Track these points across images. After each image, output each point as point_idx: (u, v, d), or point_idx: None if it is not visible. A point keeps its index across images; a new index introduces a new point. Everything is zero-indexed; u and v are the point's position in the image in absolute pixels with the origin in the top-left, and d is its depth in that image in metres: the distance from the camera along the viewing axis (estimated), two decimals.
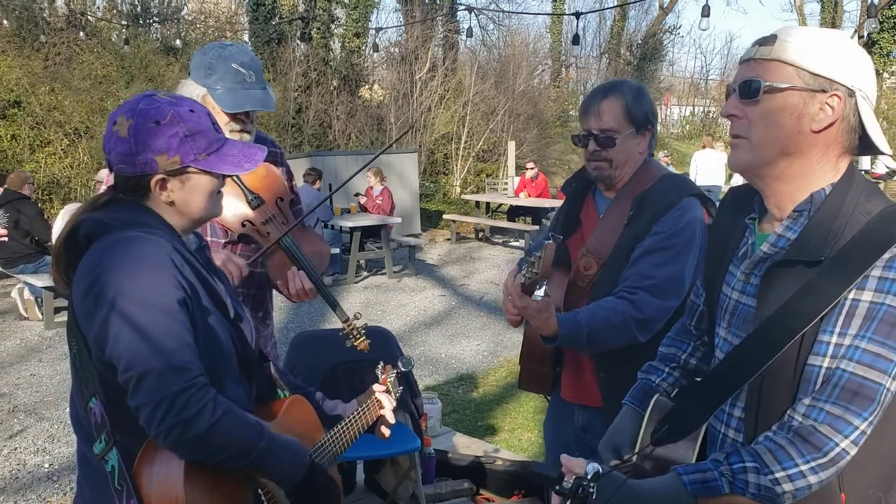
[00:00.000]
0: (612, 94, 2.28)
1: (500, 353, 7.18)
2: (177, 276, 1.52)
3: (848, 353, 1.29)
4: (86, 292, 1.50)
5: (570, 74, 27.48)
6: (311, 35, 17.52)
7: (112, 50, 14.66)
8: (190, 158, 1.58)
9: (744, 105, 1.41)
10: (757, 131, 1.40)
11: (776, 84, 1.37)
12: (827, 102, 1.36)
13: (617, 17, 27.01)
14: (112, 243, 1.52)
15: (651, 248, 2.21)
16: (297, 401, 1.83)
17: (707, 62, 42.28)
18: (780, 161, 1.40)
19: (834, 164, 1.41)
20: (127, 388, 1.44)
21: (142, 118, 1.56)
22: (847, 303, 1.30)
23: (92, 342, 1.50)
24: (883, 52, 24.40)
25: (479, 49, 21.41)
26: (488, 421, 5.46)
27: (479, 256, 12.53)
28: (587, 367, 2.37)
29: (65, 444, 4.97)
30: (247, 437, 1.52)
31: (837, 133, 1.38)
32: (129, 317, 1.44)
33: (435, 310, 8.82)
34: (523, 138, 18.24)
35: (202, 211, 1.65)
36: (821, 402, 1.29)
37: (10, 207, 7.88)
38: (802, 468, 1.28)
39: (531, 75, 21.88)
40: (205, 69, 2.30)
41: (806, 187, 1.40)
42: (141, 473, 1.48)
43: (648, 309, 2.15)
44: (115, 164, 1.58)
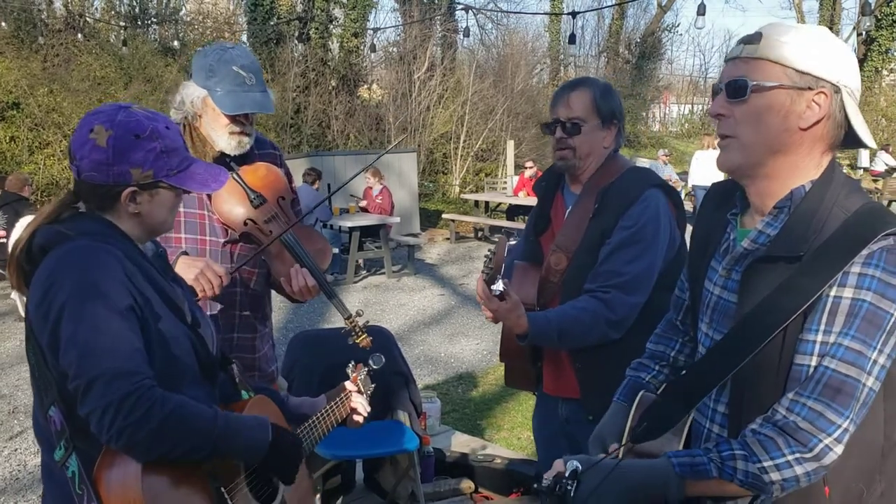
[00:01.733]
0: (582, 87, 2.39)
1: (498, 351, 7.18)
2: (125, 284, 1.52)
3: (831, 351, 1.30)
4: (39, 302, 1.51)
5: (568, 73, 27.49)
6: (310, 35, 17.53)
7: (110, 51, 14.68)
8: (162, 174, 1.62)
9: (731, 104, 1.42)
10: (745, 130, 1.41)
11: (764, 83, 1.37)
12: (814, 100, 1.37)
13: (615, 16, 27.03)
14: (64, 253, 1.54)
15: (620, 244, 2.26)
16: (261, 400, 1.83)
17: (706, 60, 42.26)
18: (768, 159, 1.41)
19: (818, 160, 1.42)
20: (76, 395, 1.45)
21: (122, 130, 1.58)
22: (829, 300, 1.31)
23: (46, 350, 1.51)
24: (881, 50, 24.42)
25: (477, 48, 21.45)
26: (487, 420, 5.47)
27: (479, 256, 12.53)
28: (566, 361, 2.41)
29: None
30: (200, 427, 1.52)
31: (824, 129, 1.39)
32: (77, 325, 1.45)
33: (434, 309, 8.84)
34: (522, 137, 18.25)
35: (162, 224, 1.69)
36: (803, 398, 1.31)
37: (8, 209, 7.89)
38: (789, 458, 1.30)
39: (530, 74, 21.90)
40: (206, 71, 2.31)
41: (790, 184, 1.41)
42: (101, 478, 1.49)
43: (621, 308, 2.23)
44: (86, 171, 1.58)
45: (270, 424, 1.67)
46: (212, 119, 2.33)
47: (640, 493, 1.37)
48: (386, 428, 3.43)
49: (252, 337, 2.51)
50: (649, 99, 28.04)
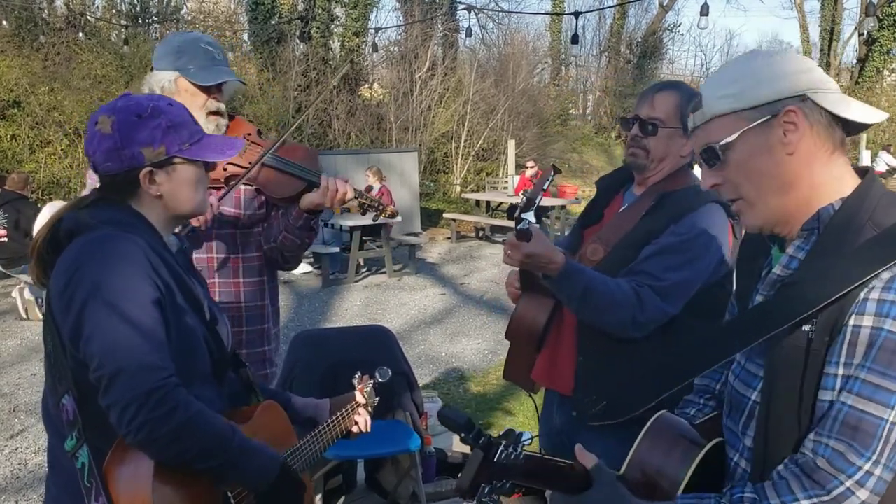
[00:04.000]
0: (670, 89, 2.28)
1: (500, 351, 7.18)
2: (151, 276, 1.52)
3: (848, 385, 1.21)
4: (62, 290, 1.51)
5: (569, 73, 27.49)
6: (311, 34, 17.51)
7: (111, 50, 14.66)
8: (175, 149, 1.62)
9: (716, 172, 1.37)
10: (745, 187, 1.35)
11: (728, 138, 1.33)
12: (785, 122, 1.30)
13: (617, 16, 26.99)
14: (89, 241, 1.54)
15: (666, 249, 2.15)
16: (271, 406, 1.83)
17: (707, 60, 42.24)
18: (783, 199, 1.33)
19: (831, 170, 1.33)
20: (98, 386, 1.45)
21: (123, 114, 1.59)
22: (849, 329, 1.22)
23: (66, 339, 1.50)
24: (883, 50, 24.38)
25: (478, 48, 21.44)
26: (489, 419, 5.46)
27: (480, 255, 12.53)
28: (568, 352, 2.34)
29: None
30: (216, 440, 1.52)
31: (815, 140, 1.31)
32: (103, 315, 1.45)
33: (435, 308, 8.83)
34: (523, 137, 18.24)
35: (189, 202, 1.67)
36: (824, 437, 1.22)
37: (9, 208, 7.89)
38: (803, 502, 1.22)
39: (531, 74, 21.89)
40: (173, 54, 2.34)
41: (815, 205, 1.33)
42: (111, 472, 1.49)
43: (651, 309, 2.12)
44: (101, 163, 1.60)
45: (280, 464, 1.65)
46: (187, 100, 2.31)
47: None
48: (388, 428, 3.42)
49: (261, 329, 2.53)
50: None
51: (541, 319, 2.33)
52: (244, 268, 2.49)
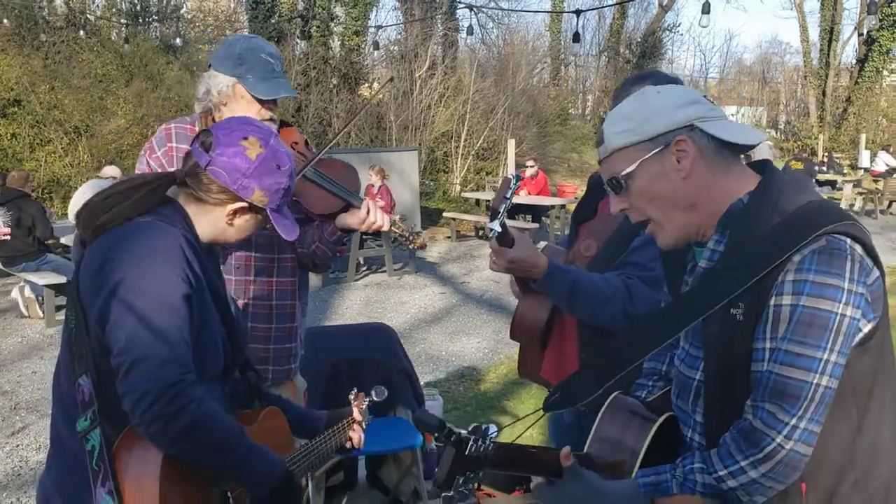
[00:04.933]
0: (645, 82, 2.27)
1: (500, 350, 7.19)
2: (185, 270, 1.54)
3: (773, 356, 1.35)
4: (96, 271, 1.52)
5: (568, 73, 27.49)
6: (311, 33, 17.53)
7: (111, 48, 14.68)
8: (272, 206, 1.69)
9: (622, 198, 1.52)
10: (650, 211, 1.51)
11: (628, 168, 1.47)
12: (677, 150, 1.44)
13: (616, 16, 26.99)
14: (131, 228, 1.56)
15: (651, 239, 2.20)
16: (275, 412, 1.84)
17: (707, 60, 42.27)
18: (689, 215, 1.49)
19: (734, 179, 1.48)
20: (117, 372, 1.46)
21: (271, 154, 1.66)
22: (771, 309, 1.36)
23: (93, 321, 1.52)
24: (883, 50, 24.41)
25: (478, 47, 21.46)
26: (489, 418, 5.47)
27: (480, 254, 12.53)
28: (571, 349, 2.37)
29: None
30: (225, 439, 1.54)
31: (706, 163, 1.45)
32: (133, 303, 1.46)
33: (435, 307, 8.83)
34: (523, 136, 18.26)
35: (233, 239, 1.74)
36: (759, 402, 1.36)
37: (11, 205, 7.88)
38: (742, 464, 1.35)
39: (531, 74, 21.90)
40: (234, 60, 2.35)
41: (723, 208, 1.47)
42: (119, 458, 1.50)
43: (641, 299, 2.16)
44: (217, 167, 1.62)
45: (284, 469, 1.68)
46: (242, 107, 2.36)
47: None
48: (390, 425, 3.43)
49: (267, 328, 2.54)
50: None
51: (541, 318, 2.35)
52: (278, 268, 2.53)
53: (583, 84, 28.98)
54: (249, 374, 1.82)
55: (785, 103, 34.55)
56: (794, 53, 37.39)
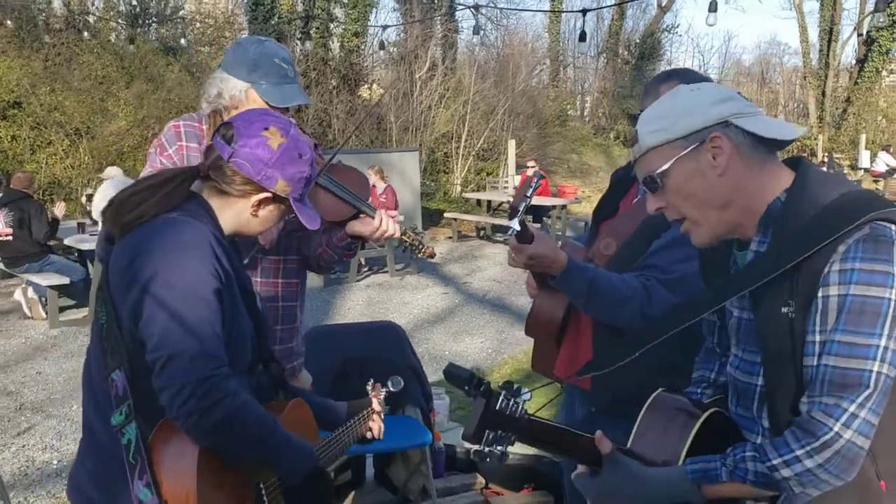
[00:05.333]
0: (675, 79, 2.26)
1: (504, 350, 7.20)
2: (215, 265, 1.55)
3: (826, 349, 1.33)
4: (126, 266, 1.53)
5: (567, 74, 27.51)
6: (311, 34, 17.53)
7: (112, 50, 14.68)
8: (295, 196, 1.70)
9: (658, 196, 1.52)
10: (685, 209, 1.50)
11: (663, 166, 1.47)
12: (712, 147, 1.43)
13: (615, 17, 27.00)
14: (160, 223, 1.57)
15: (673, 242, 2.16)
16: (301, 404, 1.86)
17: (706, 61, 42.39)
18: (725, 213, 1.48)
19: (770, 175, 1.47)
20: (153, 367, 1.47)
21: (293, 143, 1.67)
22: (819, 301, 1.34)
23: (126, 316, 1.53)
24: (882, 51, 24.44)
25: (478, 49, 21.47)
26: None
27: (481, 254, 12.54)
28: (586, 347, 2.34)
29: (72, 441, 4.98)
30: (260, 431, 1.56)
31: (741, 159, 1.44)
32: (166, 299, 1.47)
33: (438, 307, 8.84)
34: (523, 137, 18.28)
35: (257, 231, 1.75)
36: (816, 396, 1.34)
37: (14, 206, 7.89)
38: (798, 453, 1.32)
39: (530, 75, 21.93)
40: (248, 65, 2.32)
41: (758, 208, 1.47)
42: (155, 450, 1.51)
43: (659, 302, 2.12)
44: (240, 158, 1.63)
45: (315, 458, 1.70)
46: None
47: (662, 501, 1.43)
48: (399, 423, 3.43)
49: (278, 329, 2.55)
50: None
51: (557, 314, 2.35)
52: (284, 269, 2.53)
53: (581, 85, 29.00)
54: (273, 366, 1.82)
55: (784, 104, 34.59)
56: (793, 54, 37.51)
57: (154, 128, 13.08)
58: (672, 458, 1.51)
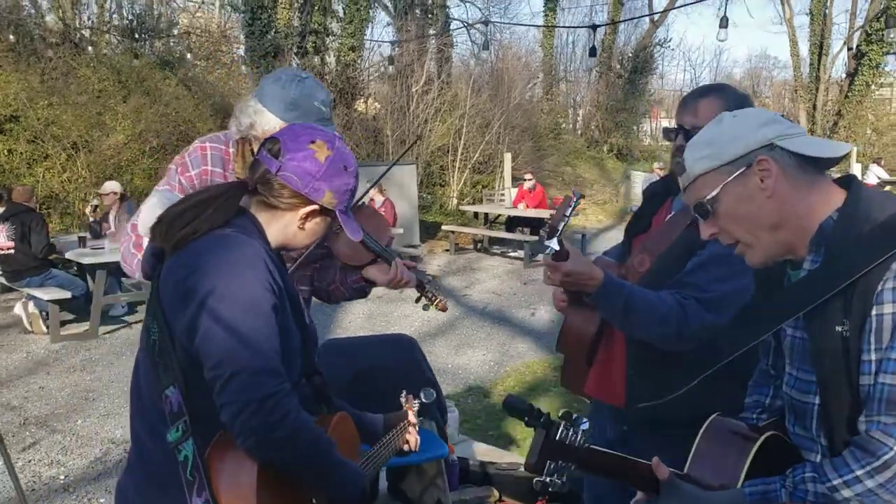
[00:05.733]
0: (714, 94, 2.24)
1: (506, 362, 7.20)
2: (270, 281, 1.56)
3: (882, 367, 1.34)
4: (181, 280, 1.54)
5: (560, 88, 27.62)
6: (308, 49, 17.59)
7: (108, 64, 14.68)
8: (341, 208, 1.71)
9: (710, 222, 1.54)
10: (738, 233, 1.51)
11: (712, 192, 1.50)
12: (759, 170, 1.46)
13: (608, 31, 27.14)
14: (216, 238, 1.58)
15: (711, 260, 2.13)
16: (345, 418, 1.85)
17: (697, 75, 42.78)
18: (777, 233, 1.49)
19: (818, 195, 1.47)
20: (213, 384, 1.47)
21: (339, 155, 1.69)
22: (873, 320, 1.35)
23: (181, 332, 1.52)
24: (872, 64, 24.65)
25: (472, 63, 21.59)
26: (500, 431, 5.48)
27: (479, 267, 12.56)
28: (618, 365, 2.32)
29: (78, 455, 4.96)
30: (319, 449, 1.56)
31: (789, 180, 1.46)
32: (225, 315, 1.47)
33: (439, 320, 8.83)
34: (518, 150, 18.35)
35: (303, 244, 1.77)
36: (874, 416, 1.34)
37: (15, 220, 7.86)
38: (858, 473, 1.32)
39: (525, 89, 22.04)
40: (287, 103, 2.29)
41: (810, 227, 1.47)
42: (213, 467, 1.51)
43: (696, 321, 2.09)
44: (288, 171, 1.64)
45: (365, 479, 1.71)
46: None
47: None
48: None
49: None
50: (641, 113, 28.20)
51: (589, 330, 2.31)
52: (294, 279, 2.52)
53: (573, 99, 29.13)
54: (316, 379, 1.83)
55: None
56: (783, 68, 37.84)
57: (152, 141, 13.09)
58: (730, 481, 1.51)
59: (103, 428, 5.45)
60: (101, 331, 7.98)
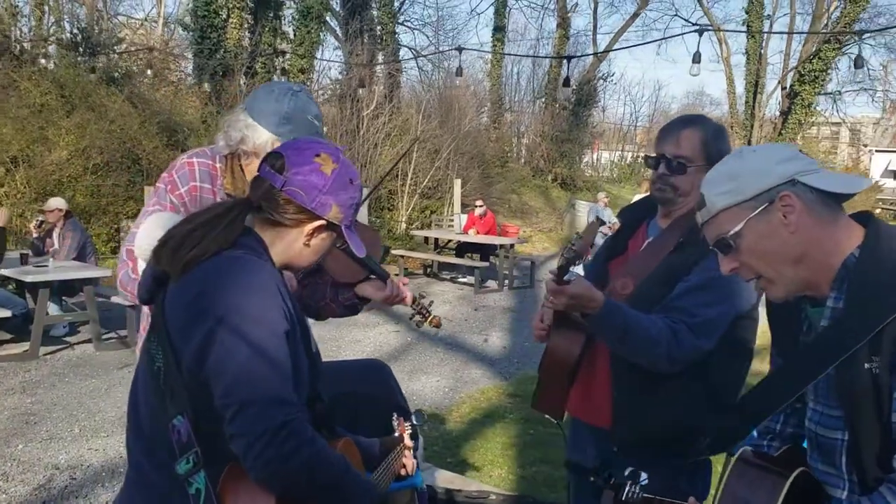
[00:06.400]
0: (694, 125, 2.31)
1: (460, 388, 7.19)
2: (282, 306, 1.51)
3: None
4: (189, 303, 1.48)
5: (505, 118, 27.97)
6: (257, 70, 17.45)
7: (51, 78, 14.27)
8: (346, 222, 1.67)
9: (731, 257, 1.54)
10: (760, 268, 1.52)
11: (735, 228, 1.50)
12: (782, 206, 1.47)
13: (553, 64, 27.66)
14: (225, 260, 1.52)
15: (700, 286, 2.19)
16: (349, 444, 1.82)
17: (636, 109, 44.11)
18: (799, 268, 1.50)
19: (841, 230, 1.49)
20: (223, 412, 1.41)
21: (344, 168, 1.65)
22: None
23: (190, 356, 1.46)
24: (804, 104, 25.65)
25: (420, 89, 21.73)
26: (457, 458, 5.45)
27: (429, 292, 12.53)
28: (603, 386, 2.35)
29: (20, 482, 4.74)
30: (335, 476, 1.52)
31: (811, 216, 1.48)
32: (237, 341, 1.42)
33: (391, 345, 8.78)
34: (467, 177, 18.47)
35: (306, 262, 1.71)
36: None
37: None
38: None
39: (476, 117, 22.28)
40: (279, 117, 2.27)
41: (836, 261, 1.49)
42: (226, 500, 1.45)
43: (686, 346, 2.14)
44: (294, 185, 1.60)
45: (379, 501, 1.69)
46: None
47: None
48: None
49: None
50: (585, 144, 28.75)
51: (574, 353, 2.35)
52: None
53: (517, 128, 29.53)
54: (318, 406, 1.79)
55: None
56: (715, 105, 39.20)
57: (96, 158, 12.73)
58: None
59: (46, 453, 5.22)
60: (42, 351, 7.68)
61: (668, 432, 2.21)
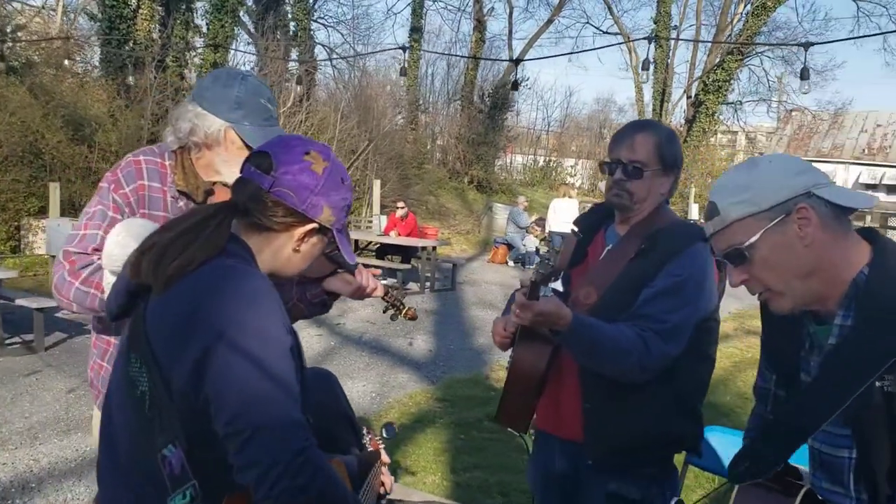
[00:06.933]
0: (647, 130, 2.32)
1: (388, 393, 7.08)
2: (284, 320, 1.39)
3: None
4: (179, 321, 1.33)
5: (421, 119, 27.94)
6: (168, 63, 16.83)
7: None
8: (338, 225, 1.56)
9: (742, 269, 1.52)
10: (771, 280, 1.51)
11: (750, 239, 1.48)
12: (798, 218, 1.46)
13: (470, 66, 27.80)
14: (218, 269, 1.38)
15: (665, 291, 2.19)
16: (339, 464, 1.75)
17: (549, 114, 45.06)
18: (808, 282, 1.49)
19: (852, 245, 1.50)
20: (229, 440, 1.28)
21: (335, 168, 1.53)
22: None
23: (181, 379, 1.32)
24: (709, 112, 26.65)
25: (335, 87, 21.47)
26: (390, 464, 5.34)
27: None
28: (572, 399, 2.33)
29: None
30: (342, 500, 1.41)
31: (826, 230, 1.48)
32: (238, 359, 1.29)
33: (314, 350, 8.58)
34: (387, 178, 18.34)
35: (295, 270, 1.59)
36: None
37: None
38: None
39: (393, 117, 22.15)
40: (230, 103, 2.17)
41: (845, 277, 1.49)
42: None
43: (656, 353, 2.13)
44: (283, 186, 1.48)
45: None
46: (231, 152, 2.18)
47: None
48: None
49: None
50: (500, 147, 29.02)
51: (540, 366, 2.31)
52: None
53: (433, 130, 29.55)
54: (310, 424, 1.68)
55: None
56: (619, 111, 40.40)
57: None
58: None
59: None
60: None
61: (639, 440, 2.20)
